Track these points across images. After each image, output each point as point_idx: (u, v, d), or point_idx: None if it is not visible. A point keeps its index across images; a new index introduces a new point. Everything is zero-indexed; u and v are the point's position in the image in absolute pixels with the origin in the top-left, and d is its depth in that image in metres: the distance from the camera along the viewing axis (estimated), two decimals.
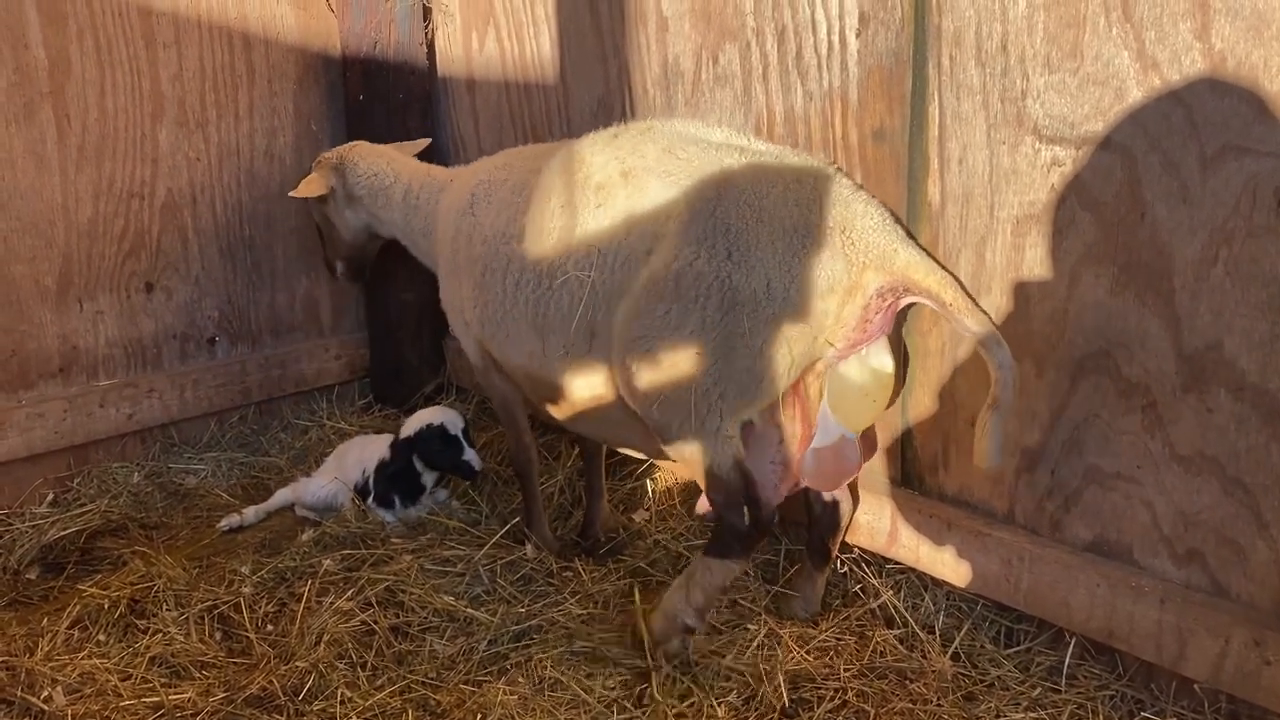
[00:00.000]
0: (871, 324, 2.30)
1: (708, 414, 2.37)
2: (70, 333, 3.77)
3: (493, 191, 2.97)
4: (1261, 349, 2.08)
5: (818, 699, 2.43)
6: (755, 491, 2.42)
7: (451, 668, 2.63)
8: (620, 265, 2.51)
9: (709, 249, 2.31)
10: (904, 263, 2.24)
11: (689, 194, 2.40)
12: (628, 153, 2.57)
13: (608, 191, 2.56)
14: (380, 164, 3.59)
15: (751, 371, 2.31)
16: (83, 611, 2.87)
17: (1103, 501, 2.41)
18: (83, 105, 3.67)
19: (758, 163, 2.41)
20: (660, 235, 2.42)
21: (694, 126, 2.61)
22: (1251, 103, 2.00)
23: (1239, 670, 2.17)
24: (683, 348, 2.35)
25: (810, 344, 2.31)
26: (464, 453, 3.33)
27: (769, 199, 2.32)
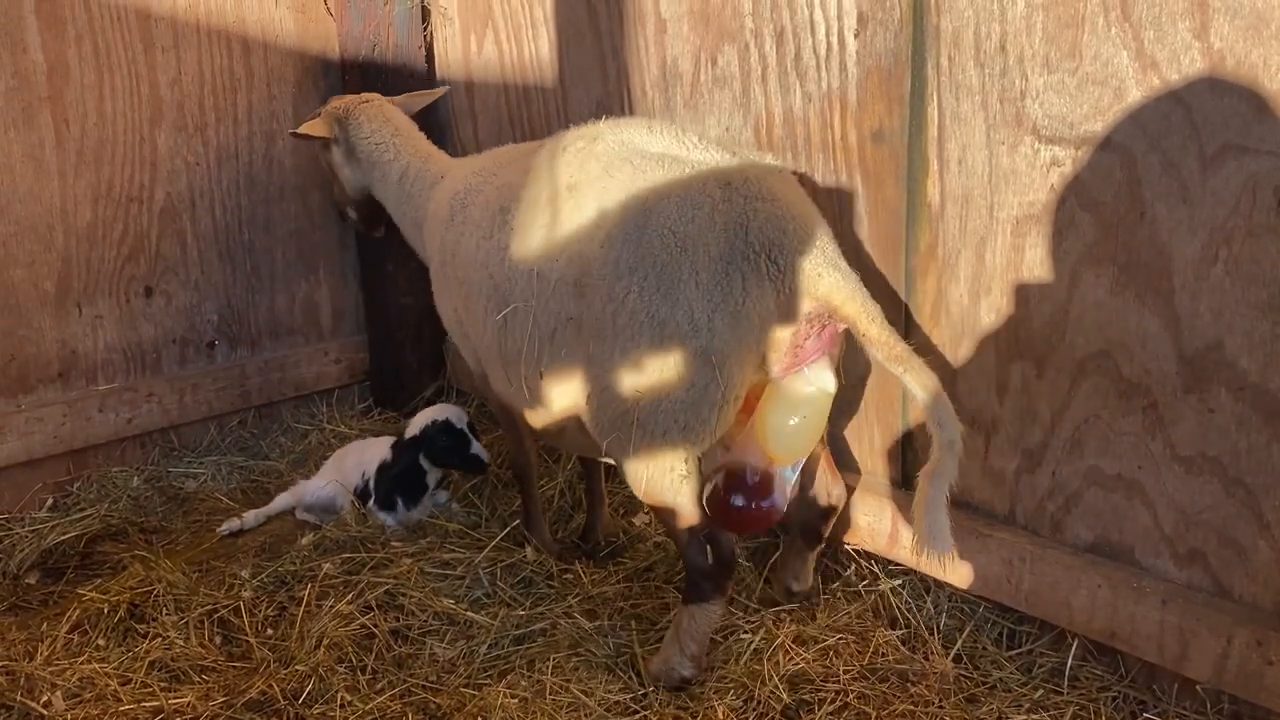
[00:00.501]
0: (803, 349, 2.26)
1: (659, 454, 2.34)
2: (69, 337, 3.77)
3: (469, 205, 2.92)
4: (1262, 349, 2.07)
5: (818, 700, 2.42)
6: (714, 529, 2.43)
7: (452, 671, 2.62)
8: (553, 290, 2.48)
9: (640, 282, 2.26)
10: (827, 287, 2.19)
11: (617, 221, 2.34)
12: (575, 167, 2.52)
13: (553, 208, 2.53)
14: (385, 133, 3.44)
15: (689, 406, 2.27)
16: (82, 616, 2.87)
17: (1104, 502, 2.40)
18: (81, 110, 3.67)
19: (687, 182, 2.32)
20: (587, 261, 2.39)
21: (638, 133, 2.53)
22: (1251, 102, 1.99)
23: (1241, 671, 2.16)
24: (625, 385, 2.32)
25: (743, 370, 2.26)
26: (471, 446, 3.33)
27: (694, 224, 2.24)
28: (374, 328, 4.53)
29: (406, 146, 3.42)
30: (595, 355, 2.38)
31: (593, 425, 2.49)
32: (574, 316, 2.44)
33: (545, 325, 2.52)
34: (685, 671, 2.48)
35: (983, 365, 2.55)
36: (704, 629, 2.48)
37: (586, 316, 2.39)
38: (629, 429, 2.35)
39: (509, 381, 2.75)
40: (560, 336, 2.49)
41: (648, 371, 2.27)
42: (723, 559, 2.46)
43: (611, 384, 2.35)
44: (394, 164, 3.41)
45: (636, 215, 2.31)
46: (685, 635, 2.47)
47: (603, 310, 2.33)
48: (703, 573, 2.43)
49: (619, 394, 2.35)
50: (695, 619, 2.46)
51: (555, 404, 2.62)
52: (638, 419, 2.33)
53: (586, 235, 2.42)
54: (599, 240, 2.37)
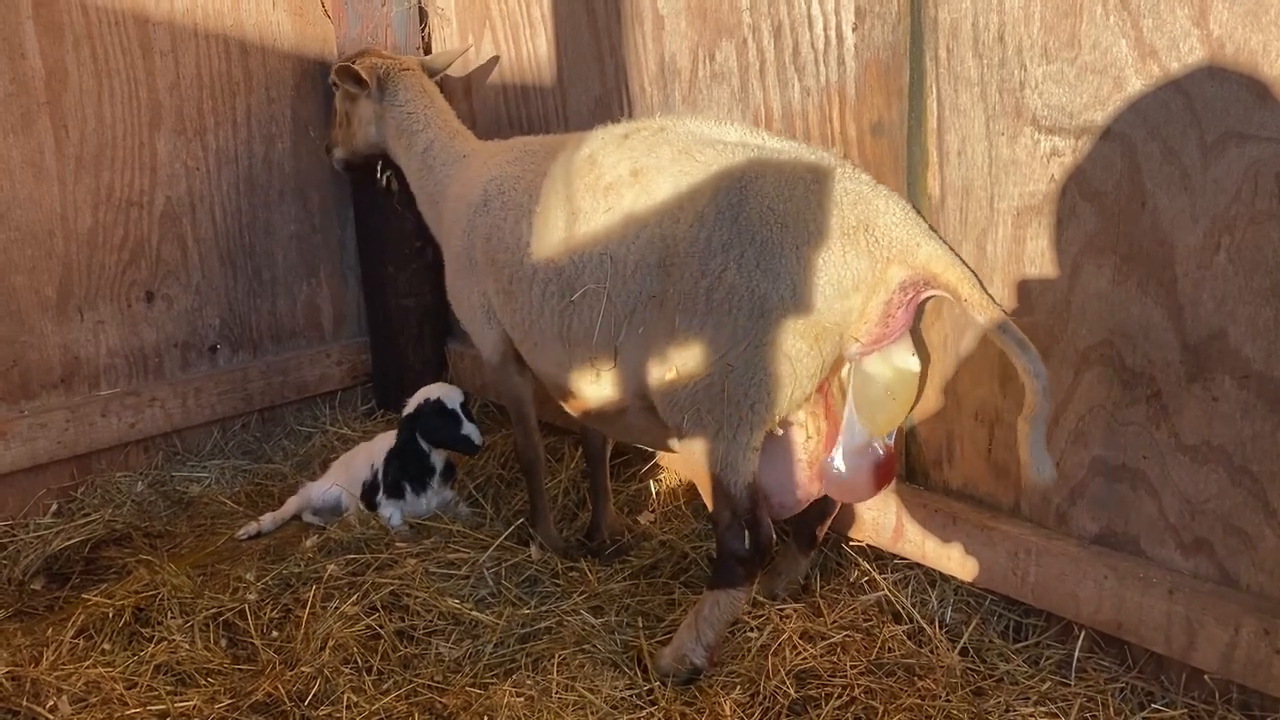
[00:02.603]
0: (894, 319, 2.30)
1: (739, 426, 2.36)
2: (71, 342, 3.77)
3: (506, 191, 2.92)
4: (1266, 336, 2.06)
5: (825, 696, 2.41)
6: (759, 513, 2.41)
7: (458, 671, 2.62)
8: (632, 273, 2.49)
9: (738, 259, 2.30)
10: (926, 256, 2.22)
11: (709, 198, 2.37)
12: (642, 153, 2.54)
13: (616, 193, 2.54)
14: (419, 104, 3.44)
15: (781, 378, 2.31)
16: (88, 621, 2.86)
17: (1109, 493, 2.39)
18: (80, 115, 3.68)
19: (776, 163, 2.37)
20: (672, 241, 2.40)
21: (708, 125, 2.58)
22: (1251, 88, 1.98)
23: (1249, 660, 2.15)
24: (715, 360, 2.35)
25: (837, 343, 2.32)
26: (462, 426, 3.31)
27: (792, 202, 2.29)
28: (375, 329, 4.53)
29: (437, 120, 3.44)
30: (681, 330, 2.39)
31: (669, 402, 2.47)
32: (655, 295, 2.45)
33: (623, 305, 2.52)
34: (698, 660, 2.47)
35: (986, 357, 2.55)
36: (726, 617, 2.48)
37: (672, 294, 2.40)
38: (716, 402, 2.36)
39: (568, 364, 2.74)
40: (640, 315, 2.49)
41: (744, 345, 2.30)
42: (760, 546, 2.42)
43: (701, 358, 2.37)
44: (421, 135, 3.42)
45: (731, 194, 2.33)
46: (705, 622, 2.47)
47: (694, 287, 2.35)
48: (738, 557, 2.43)
49: (708, 368, 2.36)
50: (719, 605, 2.47)
51: (625, 383, 2.61)
52: (729, 393, 2.34)
53: (669, 216, 2.43)
54: (687, 220, 2.39)
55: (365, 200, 4.33)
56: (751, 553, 2.42)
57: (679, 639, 2.52)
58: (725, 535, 2.44)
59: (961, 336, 2.59)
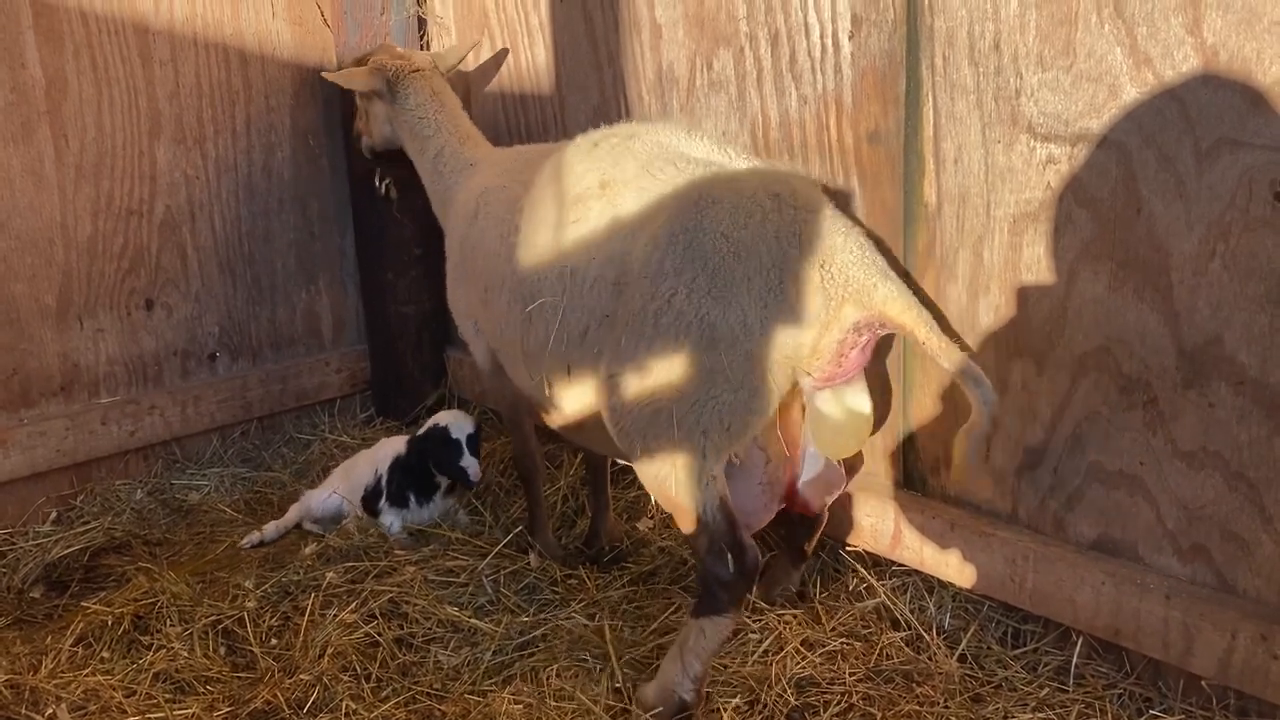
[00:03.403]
0: (847, 358, 2.25)
1: (691, 455, 2.30)
2: (71, 350, 3.78)
3: (492, 202, 2.93)
4: (1261, 342, 2.07)
5: (823, 703, 2.42)
6: (739, 535, 2.33)
7: (456, 678, 2.62)
8: (589, 288, 2.46)
9: (688, 284, 2.24)
10: (882, 297, 2.17)
11: (664, 220, 2.32)
12: (609, 164, 2.52)
13: (584, 205, 2.51)
14: (429, 109, 3.41)
15: (733, 408, 2.25)
16: (87, 629, 2.87)
17: (1106, 499, 2.40)
18: (80, 124, 3.69)
19: (737, 188, 2.31)
20: (628, 260, 2.37)
21: (678, 136, 2.54)
22: (1245, 96, 2.00)
23: (1247, 665, 2.16)
24: (663, 386, 2.30)
25: (789, 375, 2.26)
26: (461, 458, 3.29)
27: (748, 230, 2.23)
28: (375, 337, 4.54)
29: (448, 124, 3.40)
30: (627, 352, 2.34)
31: (618, 427, 2.43)
32: (609, 314, 2.42)
33: (577, 323, 2.49)
34: (686, 696, 2.35)
35: (983, 364, 2.54)
36: (712, 646, 2.36)
37: (623, 314, 2.36)
38: (665, 429, 2.31)
39: (530, 377, 2.74)
40: (593, 335, 2.46)
41: (691, 372, 2.26)
42: (745, 570, 2.32)
43: (647, 383, 2.33)
44: (432, 140, 3.39)
45: (687, 218, 2.28)
46: (690, 653, 2.35)
47: (643, 309, 2.30)
48: (722, 583, 2.31)
49: (654, 393, 2.31)
50: (705, 634, 2.35)
51: (580, 400, 2.60)
52: (676, 418, 2.29)
53: (628, 234, 2.40)
54: (643, 240, 2.35)
55: (364, 207, 4.34)
56: (736, 577, 2.31)
57: (664, 673, 2.40)
58: (706, 560, 2.34)
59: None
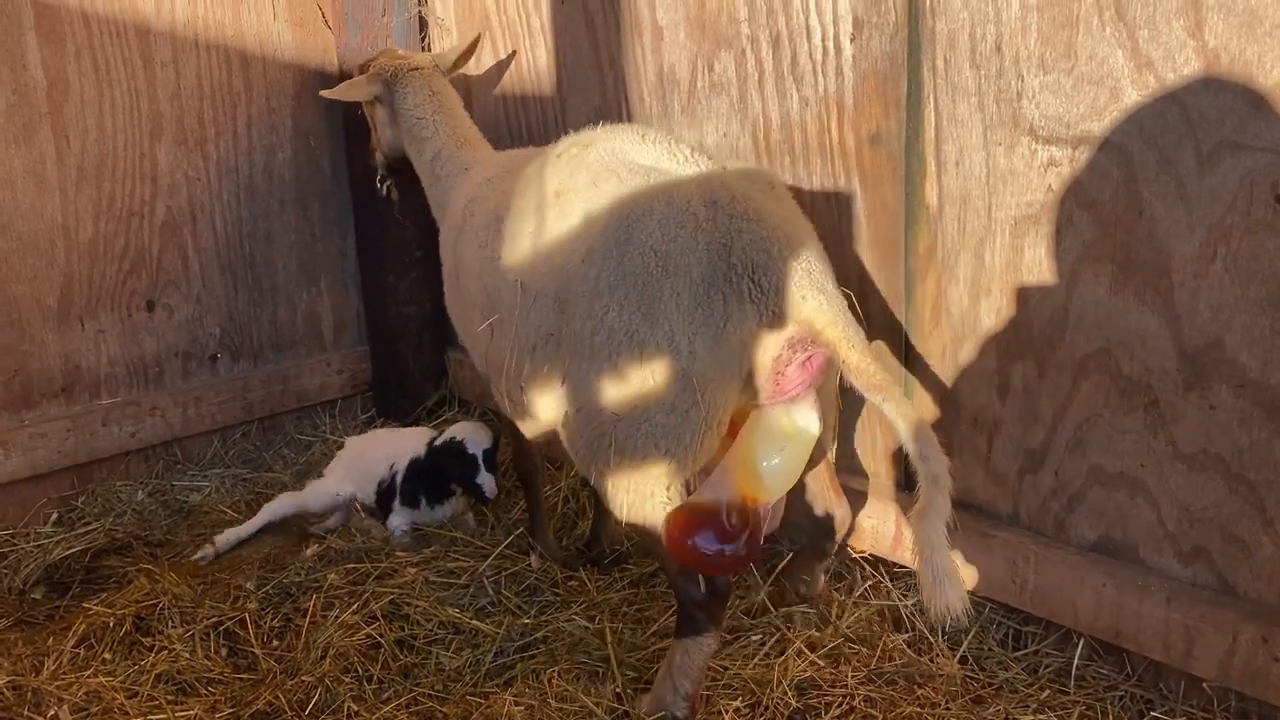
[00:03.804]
0: (785, 376, 2.18)
1: (639, 479, 2.26)
2: (72, 352, 3.78)
3: (476, 212, 2.88)
4: (1262, 345, 2.08)
5: (824, 705, 2.42)
6: None
7: (458, 680, 2.62)
8: (534, 304, 2.43)
9: (620, 302, 2.19)
10: (809, 311, 2.09)
11: (599, 236, 2.27)
12: (566, 174, 2.48)
13: (541, 216, 2.48)
14: (428, 108, 3.37)
15: (667, 429, 2.19)
16: (88, 630, 2.87)
17: (1107, 501, 2.40)
18: (81, 125, 3.69)
19: (671, 198, 2.23)
20: (569, 276, 2.33)
21: (631, 142, 2.47)
22: (1247, 99, 2.00)
23: (1248, 667, 2.16)
24: (602, 410, 2.26)
25: (724, 393, 2.18)
26: (478, 474, 3.28)
27: (676, 244, 2.16)
28: (376, 338, 4.54)
29: (446, 126, 3.36)
30: (573, 374, 2.31)
31: (570, 446, 2.42)
32: (554, 333, 2.39)
33: (526, 339, 2.47)
34: (679, 712, 2.34)
35: (984, 366, 2.56)
36: (698, 664, 2.33)
37: (566, 333, 2.33)
38: (606, 452, 2.28)
39: (498, 392, 2.75)
40: (541, 352, 2.44)
41: (626, 393, 2.20)
42: (716, 588, 2.30)
43: (589, 405, 2.28)
44: (430, 142, 3.35)
45: (619, 231, 2.23)
46: (678, 672, 2.33)
47: (581, 328, 2.27)
48: (695, 603, 2.29)
49: (597, 415, 2.27)
50: (689, 654, 2.32)
51: (539, 417, 2.59)
52: (615, 441, 2.25)
53: (569, 248, 2.36)
54: (580, 254, 2.31)
55: (366, 209, 4.35)
56: (708, 596, 2.29)
57: (657, 690, 2.40)
58: (677, 582, 2.31)
59: (960, 345, 2.60)
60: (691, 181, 2.28)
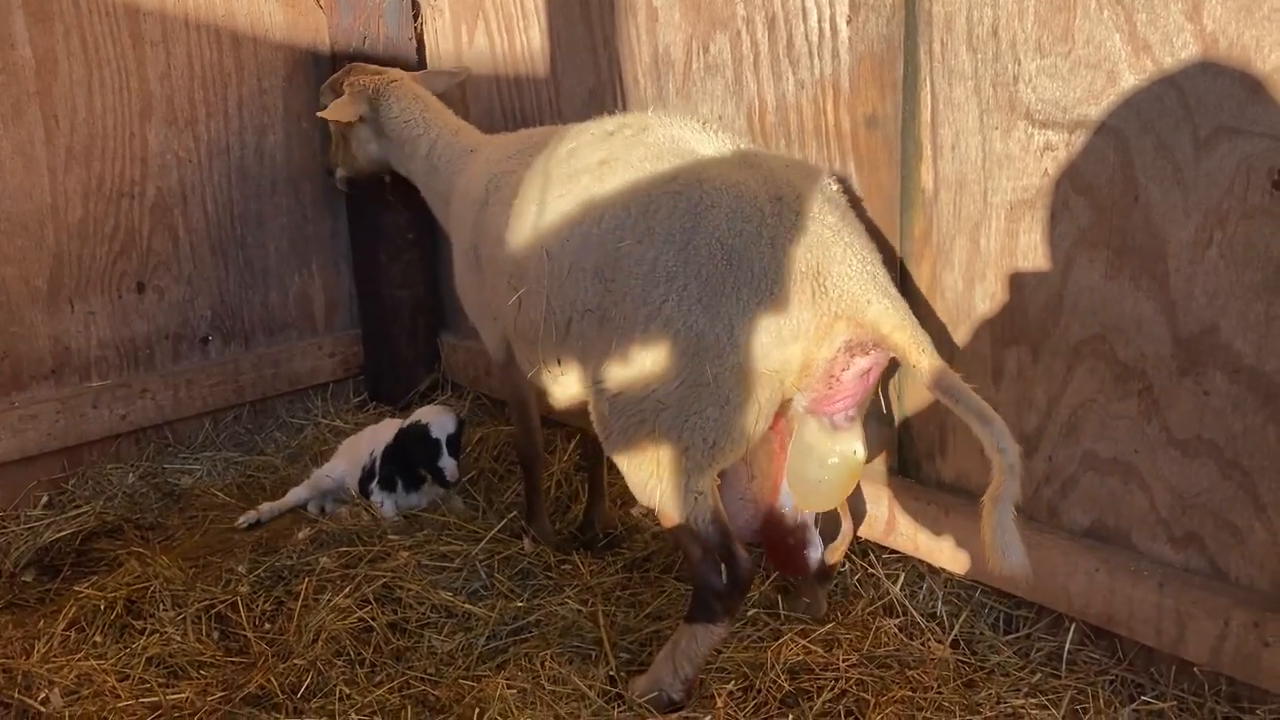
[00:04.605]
0: (840, 382, 2.19)
1: (675, 469, 2.26)
2: (62, 334, 3.76)
3: (502, 187, 2.87)
4: (1257, 330, 2.07)
5: (817, 689, 2.42)
6: (733, 547, 2.31)
7: (450, 663, 2.62)
8: (568, 274, 2.42)
9: (679, 291, 2.19)
10: (875, 314, 2.11)
11: (663, 217, 2.26)
12: (621, 148, 2.48)
13: (575, 182, 2.47)
14: (414, 110, 3.39)
15: (717, 423, 2.20)
16: (79, 613, 2.86)
17: (1100, 486, 2.40)
18: (70, 105, 3.66)
19: (737, 191, 2.23)
20: (615, 252, 2.31)
21: (691, 129, 2.48)
22: (1245, 83, 1.99)
23: (1238, 652, 2.17)
24: (647, 396, 2.25)
25: (776, 390, 2.21)
26: (439, 458, 3.29)
27: (742, 238, 2.17)
28: (368, 321, 4.52)
29: (435, 122, 3.38)
30: (617, 355, 2.29)
31: (600, 424, 2.41)
32: (593, 309, 2.36)
33: (561, 312, 2.45)
34: (676, 695, 2.36)
35: (978, 351, 2.55)
36: (703, 651, 2.35)
37: (614, 314, 2.31)
38: (645, 438, 2.27)
39: (531, 362, 2.73)
40: (578, 326, 2.42)
41: (677, 383, 2.20)
42: (740, 580, 2.31)
43: (633, 389, 2.27)
44: (423, 139, 3.36)
45: (685, 219, 2.22)
46: (682, 655, 2.35)
47: (634, 313, 2.25)
48: (715, 592, 2.30)
49: (639, 401, 2.27)
50: (697, 639, 2.33)
51: (570, 389, 2.60)
52: (658, 429, 2.25)
53: (614, 221, 2.34)
54: (634, 234, 2.29)
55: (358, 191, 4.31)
56: (729, 587, 2.31)
57: (656, 670, 2.40)
58: (699, 569, 2.32)
59: (954, 330, 2.59)
60: (757, 176, 2.28)
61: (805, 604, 2.75)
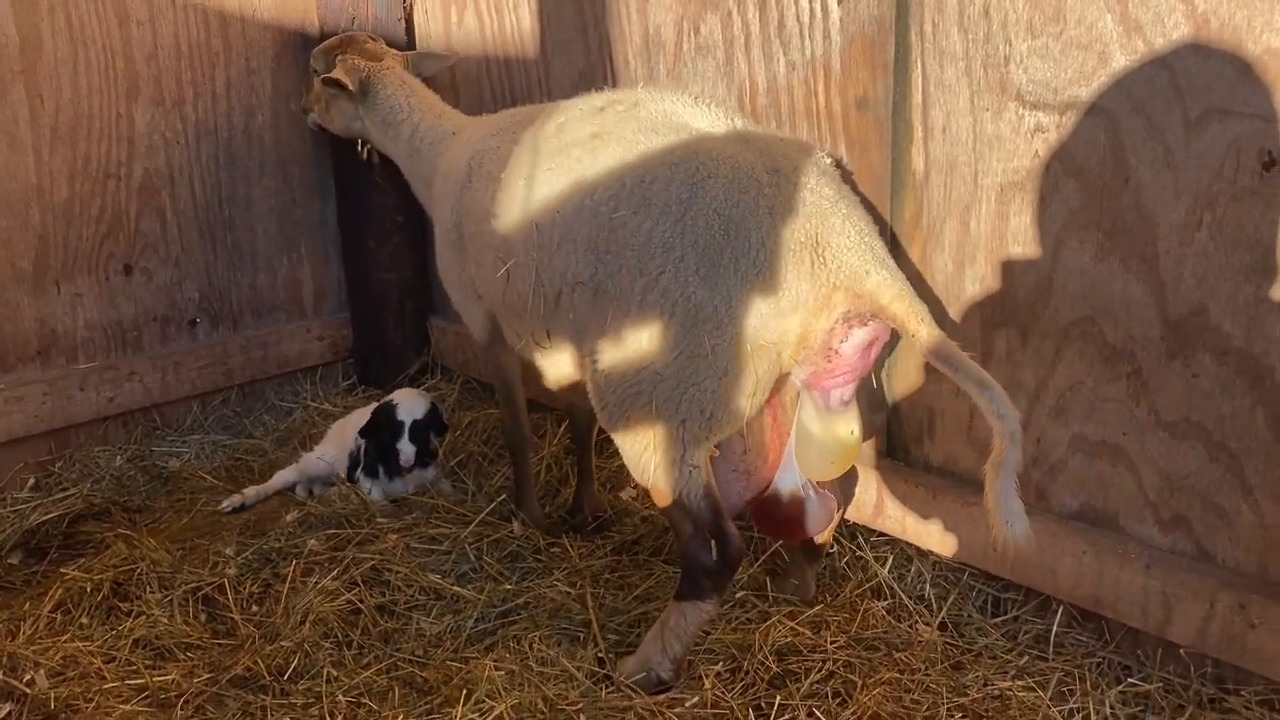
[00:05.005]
0: (838, 354, 2.17)
1: (671, 442, 2.25)
2: (48, 315, 3.73)
3: (485, 164, 2.84)
4: (1246, 313, 2.07)
5: (805, 671, 2.42)
6: (724, 524, 2.30)
7: (438, 645, 2.61)
8: (558, 247, 2.40)
9: (677, 262, 2.17)
10: (874, 284, 2.10)
11: (659, 188, 2.24)
12: (612, 123, 2.46)
13: (565, 155, 2.45)
14: (400, 96, 3.37)
15: (715, 395, 2.19)
16: (65, 595, 2.84)
17: (1088, 469, 2.41)
18: (55, 85, 3.62)
19: (734, 162, 2.22)
20: (610, 225, 2.29)
21: (683, 104, 2.47)
22: (1235, 65, 1.98)
23: (1224, 634, 2.17)
24: (644, 369, 2.24)
25: (774, 362, 2.20)
26: (398, 440, 3.28)
27: (740, 207, 2.15)
28: (357, 304, 4.50)
29: (419, 106, 3.36)
30: (613, 328, 2.28)
31: (598, 403, 2.39)
32: (585, 281, 2.34)
33: (550, 284, 2.44)
34: (664, 674, 2.36)
35: (968, 334, 2.55)
36: (692, 629, 2.35)
37: (608, 286, 2.29)
38: (645, 413, 2.26)
39: (519, 336, 2.71)
40: (568, 299, 2.40)
41: (675, 355, 2.19)
42: (729, 557, 2.30)
43: (629, 361, 2.26)
44: (405, 124, 3.35)
45: (682, 190, 2.21)
46: (671, 634, 2.35)
47: (630, 285, 2.23)
48: (704, 569, 2.30)
49: (636, 374, 2.25)
50: (686, 617, 2.34)
51: (563, 365, 2.59)
52: (655, 402, 2.24)
53: (606, 193, 2.32)
54: (630, 204, 2.27)
55: (347, 174, 4.29)
56: (719, 564, 2.30)
57: (644, 650, 2.40)
58: (689, 546, 2.32)
59: (945, 312, 2.59)
60: (753, 149, 2.27)
61: (794, 585, 2.76)
